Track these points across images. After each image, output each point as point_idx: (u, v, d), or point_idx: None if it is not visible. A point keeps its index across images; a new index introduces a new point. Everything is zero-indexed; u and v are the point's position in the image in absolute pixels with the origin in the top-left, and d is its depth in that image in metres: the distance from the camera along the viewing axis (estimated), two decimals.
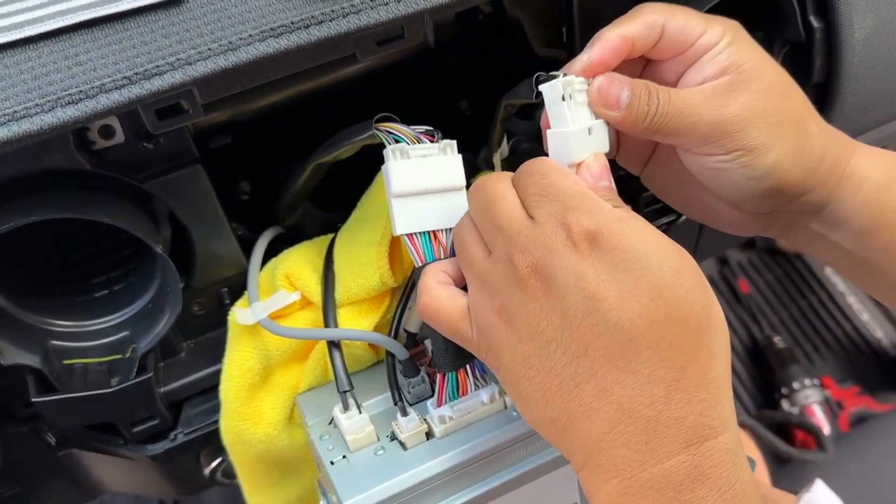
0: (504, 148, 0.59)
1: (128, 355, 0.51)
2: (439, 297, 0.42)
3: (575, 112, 0.43)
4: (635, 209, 0.59)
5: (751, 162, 0.45)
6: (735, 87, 0.45)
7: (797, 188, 0.46)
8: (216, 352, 0.53)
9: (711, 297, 0.38)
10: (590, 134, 0.43)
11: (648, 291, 0.36)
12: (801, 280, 1.43)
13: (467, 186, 0.46)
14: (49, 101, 0.37)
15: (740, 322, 1.38)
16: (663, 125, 0.44)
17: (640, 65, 0.50)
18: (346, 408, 0.47)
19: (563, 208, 0.38)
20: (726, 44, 0.46)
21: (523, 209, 0.40)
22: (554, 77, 0.44)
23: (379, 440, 0.47)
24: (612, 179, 0.43)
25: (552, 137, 0.44)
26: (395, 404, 0.47)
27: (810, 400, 1.22)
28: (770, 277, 1.43)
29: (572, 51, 0.56)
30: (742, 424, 0.95)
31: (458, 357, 0.45)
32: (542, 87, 0.44)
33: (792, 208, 0.48)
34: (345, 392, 0.48)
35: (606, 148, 0.44)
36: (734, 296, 1.41)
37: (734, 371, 1.34)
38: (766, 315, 1.39)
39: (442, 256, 0.45)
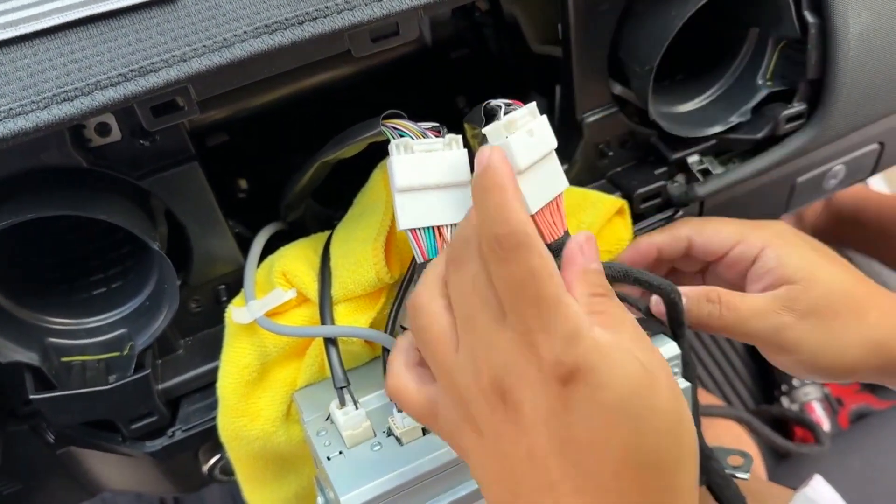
0: None
1: (125, 353, 0.51)
2: (406, 383, 0.40)
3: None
4: (631, 206, 0.59)
5: (813, 364, 0.50)
6: (793, 300, 0.49)
7: (859, 370, 0.50)
8: (214, 349, 0.54)
9: (685, 427, 0.35)
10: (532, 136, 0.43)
11: (623, 439, 0.33)
12: None
13: None
14: (45, 99, 0.37)
15: None
16: (729, 326, 0.50)
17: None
18: (342, 403, 0.48)
19: (539, 325, 0.34)
20: (772, 255, 0.51)
21: (495, 299, 0.35)
22: (497, 109, 0.43)
23: (375, 435, 0.47)
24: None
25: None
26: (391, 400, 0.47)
27: (810, 397, 1.22)
28: None
29: (567, 47, 0.56)
30: (740, 420, 0.95)
31: None
32: (486, 131, 0.42)
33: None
34: (341, 388, 0.48)
35: (565, 182, 0.45)
36: None
37: (734, 368, 1.34)
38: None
39: None
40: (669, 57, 0.54)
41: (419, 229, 0.44)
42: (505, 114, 0.42)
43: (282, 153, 0.70)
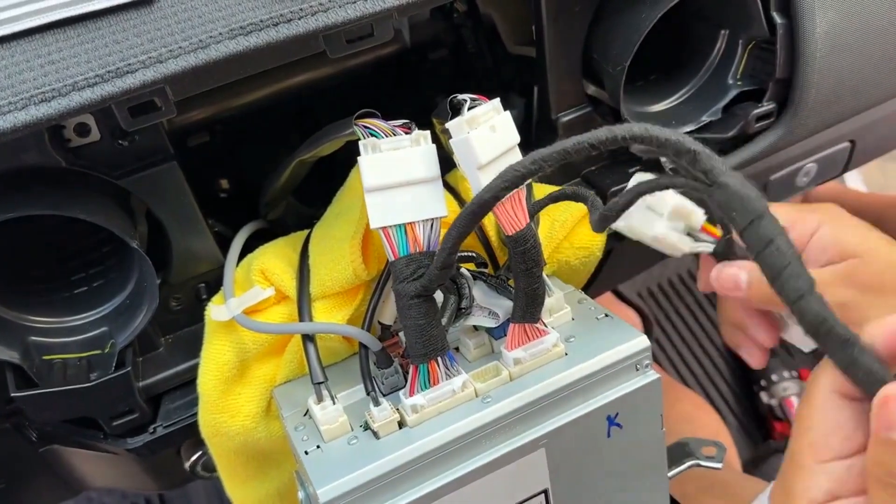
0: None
1: (107, 350, 0.52)
2: None
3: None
4: (603, 198, 0.60)
5: None
6: (854, 274, 0.48)
7: None
8: (194, 346, 0.54)
9: None
10: (494, 132, 0.44)
11: None
12: None
13: (444, 180, 0.47)
14: (22, 99, 0.38)
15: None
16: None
17: None
18: (319, 399, 0.48)
19: None
20: (829, 232, 0.50)
21: None
22: (462, 103, 0.44)
23: (353, 430, 0.48)
24: None
25: (456, 146, 0.45)
26: (368, 394, 0.48)
27: (789, 392, 1.24)
28: None
29: (541, 48, 0.57)
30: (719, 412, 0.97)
31: (428, 348, 0.46)
32: (448, 126, 0.44)
33: None
34: (319, 383, 0.48)
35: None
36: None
37: (714, 364, 1.36)
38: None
39: (416, 250, 0.46)
40: (642, 58, 0.55)
41: (390, 227, 0.45)
42: (469, 109, 0.43)
43: (263, 153, 0.71)
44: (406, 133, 0.46)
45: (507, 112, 0.44)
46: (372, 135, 0.46)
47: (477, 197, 0.41)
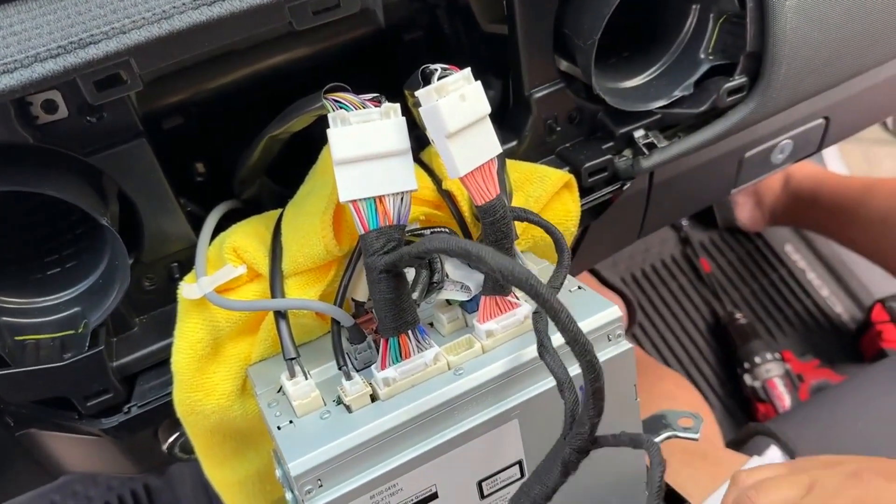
0: None
1: (80, 331, 0.52)
2: None
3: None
4: (579, 180, 0.61)
5: None
6: None
7: None
8: (168, 326, 0.54)
9: None
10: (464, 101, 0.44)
11: None
12: (761, 258, 1.46)
13: (415, 157, 0.47)
14: None
15: (703, 300, 1.40)
16: None
17: None
18: (292, 374, 0.48)
19: None
20: None
21: None
22: (433, 73, 0.45)
23: (325, 405, 0.48)
24: None
25: (425, 114, 0.45)
26: (340, 369, 0.48)
27: (772, 374, 1.25)
28: (731, 256, 1.46)
29: (512, 23, 0.57)
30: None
31: (398, 321, 0.46)
32: (418, 94, 0.44)
33: None
34: (291, 359, 0.48)
35: (498, 148, 0.46)
36: (696, 275, 1.44)
37: (697, 347, 1.36)
38: (728, 293, 1.42)
39: (386, 223, 0.46)
40: (615, 34, 0.56)
41: (360, 200, 0.45)
42: (439, 78, 0.43)
43: (239, 137, 0.70)
44: (376, 106, 0.46)
45: (478, 82, 0.44)
46: (342, 108, 0.46)
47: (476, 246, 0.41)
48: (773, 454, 0.85)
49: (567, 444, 0.42)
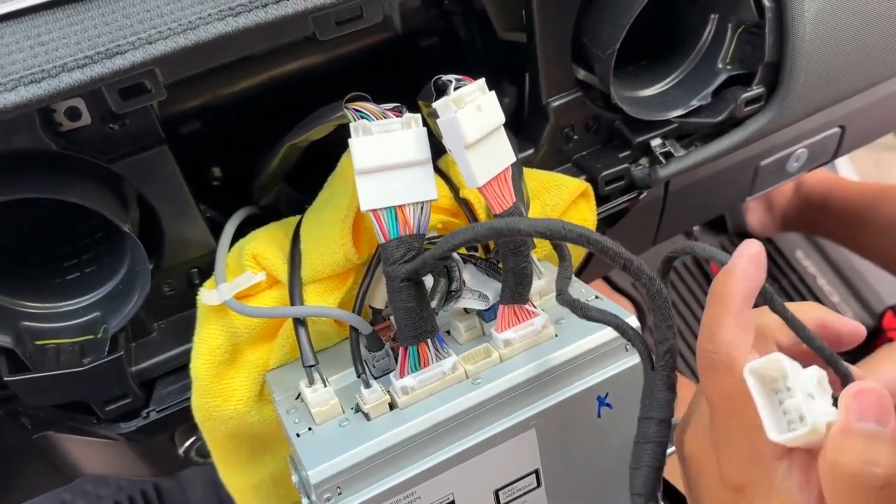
0: None
1: (99, 335, 0.52)
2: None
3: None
4: (595, 189, 0.61)
5: None
6: None
7: None
8: (187, 331, 0.54)
9: None
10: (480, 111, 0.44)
11: None
12: (772, 264, 1.46)
13: (435, 165, 0.47)
14: (12, 81, 0.38)
15: None
16: None
17: None
18: (311, 382, 0.49)
19: None
20: None
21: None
22: (448, 84, 0.45)
23: (344, 412, 0.48)
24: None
25: (443, 126, 0.45)
26: (359, 377, 0.49)
27: None
28: None
29: (531, 32, 0.57)
30: None
31: (418, 330, 0.46)
32: (435, 106, 0.45)
33: None
34: (310, 366, 0.49)
35: (512, 156, 0.46)
36: (707, 279, 1.43)
37: None
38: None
39: (406, 232, 0.46)
40: (632, 42, 0.56)
41: (381, 210, 0.45)
42: (455, 89, 0.43)
43: (255, 142, 0.71)
44: (397, 116, 0.46)
45: (493, 92, 0.44)
46: (363, 117, 0.46)
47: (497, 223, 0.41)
48: None
49: (658, 371, 0.41)
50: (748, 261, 0.35)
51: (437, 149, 0.51)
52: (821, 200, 1.34)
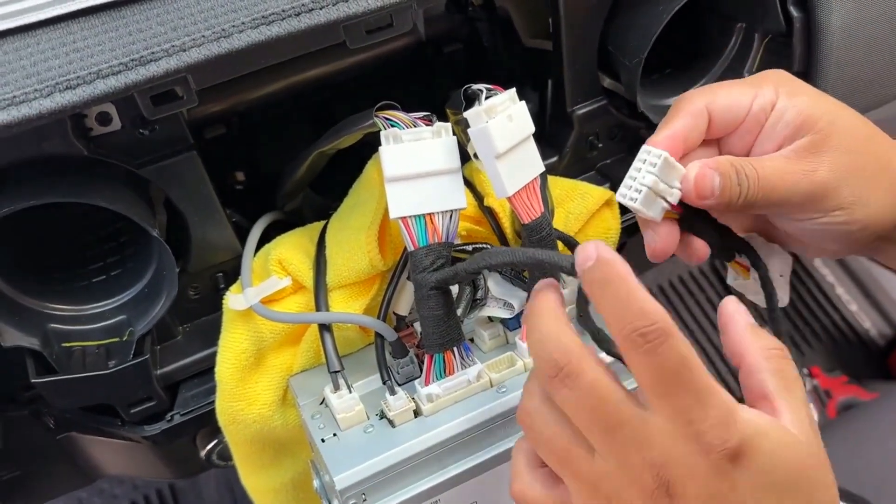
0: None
1: (125, 338, 0.53)
2: (531, 487, 0.39)
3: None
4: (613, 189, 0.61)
5: (849, 218, 0.44)
6: (818, 146, 0.44)
7: (887, 226, 0.45)
8: (212, 335, 0.55)
9: (834, 490, 0.37)
10: (511, 121, 0.45)
11: None
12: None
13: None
14: (48, 87, 0.38)
15: None
16: (757, 201, 0.43)
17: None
18: (336, 387, 0.49)
19: (699, 412, 0.33)
20: (787, 101, 0.45)
21: (631, 398, 0.35)
22: (478, 93, 0.45)
23: (369, 418, 0.48)
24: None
25: (474, 135, 0.45)
26: (384, 383, 0.49)
27: None
28: None
29: (558, 41, 0.57)
30: None
31: (445, 338, 0.47)
32: (467, 115, 0.44)
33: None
34: (335, 372, 0.49)
35: (541, 166, 0.46)
36: (724, 287, 1.43)
37: (724, 360, 1.36)
38: (755, 306, 1.40)
39: (435, 240, 0.46)
40: (658, 51, 0.55)
41: (410, 217, 0.45)
42: (486, 98, 0.44)
43: (278, 147, 0.71)
44: (427, 125, 0.46)
45: (523, 102, 0.44)
46: (393, 126, 0.46)
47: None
48: None
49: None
50: (605, 247, 0.36)
51: (462, 156, 0.51)
52: None
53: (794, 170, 0.43)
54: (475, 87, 0.45)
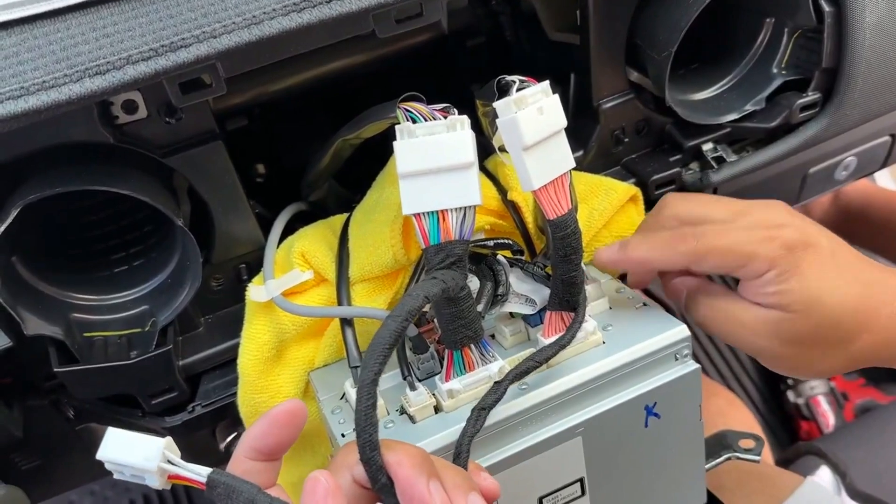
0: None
1: (147, 329, 0.52)
2: None
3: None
4: (645, 193, 0.60)
5: (797, 375, 0.52)
6: (781, 327, 0.49)
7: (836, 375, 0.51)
8: (234, 326, 0.54)
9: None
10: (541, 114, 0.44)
11: None
12: None
13: (480, 166, 0.46)
14: (77, 72, 0.38)
15: None
16: (717, 331, 0.52)
17: None
18: (356, 382, 0.48)
19: None
20: (773, 278, 0.49)
21: None
22: (511, 84, 0.44)
23: (389, 414, 0.48)
24: None
25: (502, 126, 0.44)
26: (405, 379, 0.48)
27: (816, 391, 1.23)
28: None
29: (585, 34, 0.57)
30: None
31: (462, 334, 0.46)
32: (496, 105, 0.43)
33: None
34: (356, 367, 0.48)
35: (571, 162, 0.46)
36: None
37: (741, 362, 1.35)
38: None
39: (447, 238, 0.44)
40: (686, 45, 0.55)
41: (423, 214, 0.44)
42: (518, 90, 0.43)
43: (300, 139, 0.71)
44: (444, 117, 0.45)
45: (556, 95, 0.44)
46: (412, 118, 0.45)
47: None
48: (824, 474, 0.84)
49: None
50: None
51: (485, 149, 0.50)
52: (860, 211, 1.32)
53: (755, 337, 0.50)
54: (508, 78, 0.44)
